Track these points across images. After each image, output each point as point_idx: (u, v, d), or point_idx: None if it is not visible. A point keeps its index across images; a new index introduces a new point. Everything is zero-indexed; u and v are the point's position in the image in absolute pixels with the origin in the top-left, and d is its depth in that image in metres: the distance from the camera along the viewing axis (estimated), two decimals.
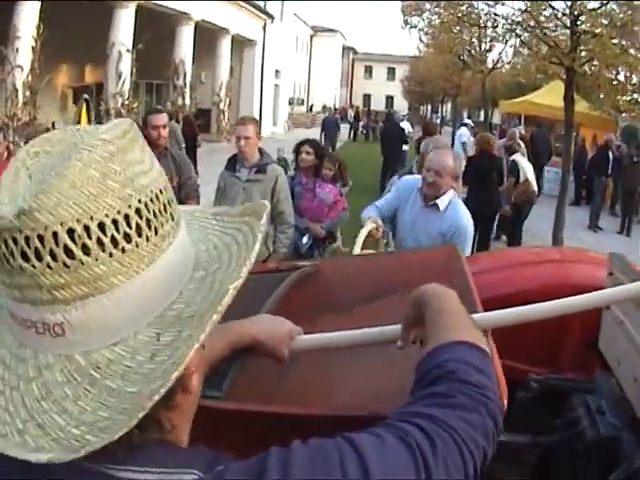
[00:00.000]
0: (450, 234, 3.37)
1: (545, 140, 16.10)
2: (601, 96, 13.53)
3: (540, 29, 8.04)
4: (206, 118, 20.86)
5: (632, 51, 7.36)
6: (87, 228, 0.63)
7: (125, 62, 15.67)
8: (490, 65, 18.31)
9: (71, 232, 0.62)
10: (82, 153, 0.65)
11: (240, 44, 24.50)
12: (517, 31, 8.15)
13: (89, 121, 8.91)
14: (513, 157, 9.36)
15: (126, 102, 15.62)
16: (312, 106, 44.38)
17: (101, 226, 0.64)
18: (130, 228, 0.66)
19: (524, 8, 8.14)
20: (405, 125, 17.08)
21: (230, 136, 18.32)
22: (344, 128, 36.12)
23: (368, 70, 64.18)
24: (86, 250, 0.63)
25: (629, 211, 12.92)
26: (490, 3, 9.84)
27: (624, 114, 14.51)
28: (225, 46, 22.53)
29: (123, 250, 0.65)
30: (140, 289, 0.68)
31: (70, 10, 13.93)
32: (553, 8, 7.73)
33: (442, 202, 3.46)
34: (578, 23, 7.57)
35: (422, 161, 4.59)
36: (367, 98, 59.25)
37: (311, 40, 45.79)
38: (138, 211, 0.67)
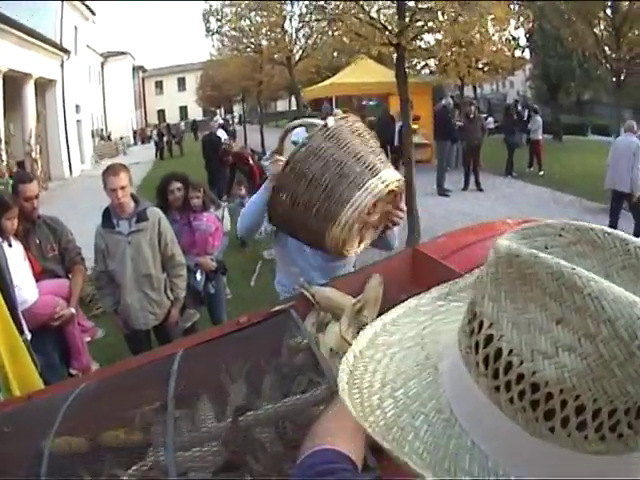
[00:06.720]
0: None
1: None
2: (414, 62, 14.27)
3: (367, 14, 8.27)
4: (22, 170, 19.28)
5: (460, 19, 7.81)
6: None
7: None
8: (298, 55, 18.30)
9: None
10: None
11: (42, 86, 23.08)
12: (346, 21, 8.26)
13: None
14: None
15: None
16: (110, 134, 42.72)
17: None
18: None
19: None
20: (221, 134, 16.57)
21: (46, 184, 17.31)
22: (149, 149, 35.60)
23: (159, 85, 62.87)
24: None
25: (475, 166, 13.63)
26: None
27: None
28: (30, 92, 21.18)
29: None
30: None
31: None
32: None
33: None
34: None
35: None
36: (161, 113, 58.15)
37: (102, 68, 44.07)
38: None
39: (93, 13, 32.86)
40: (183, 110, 59.46)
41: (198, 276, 5.00)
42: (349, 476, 0.95)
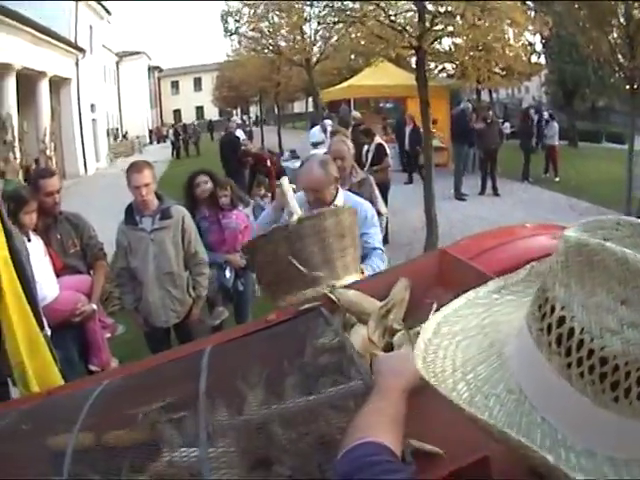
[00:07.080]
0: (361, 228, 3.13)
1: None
2: (431, 65, 14.20)
3: (387, 16, 8.25)
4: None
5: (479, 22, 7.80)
6: None
7: None
8: (316, 56, 18.24)
9: None
10: None
11: (57, 85, 23.27)
12: (367, 23, 8.24)
13: None
14: (378, 141, 9.62)
15: None
16: (126, 133, 42.96)
17: None
18: None
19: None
20: (239, 133, 16.48)
21: (61, 181, 17.34)
22: (165, 148, 35.83)
23: (175, 85, 63.25)
24: None
25: (492, 170, 13.55)
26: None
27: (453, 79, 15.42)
28: (44, 90, 21.35)
29: None
30: None
31: None
32: None
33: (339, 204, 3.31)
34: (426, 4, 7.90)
35: None
36: (177, 113, 58.45)
37: (117, 67, 44.29)
38: None
39: (108, 12, 33.10)
40: (199, 110, 59.79)
41: (227, 273, 5.00)
42: (394, 467, 1.00)
